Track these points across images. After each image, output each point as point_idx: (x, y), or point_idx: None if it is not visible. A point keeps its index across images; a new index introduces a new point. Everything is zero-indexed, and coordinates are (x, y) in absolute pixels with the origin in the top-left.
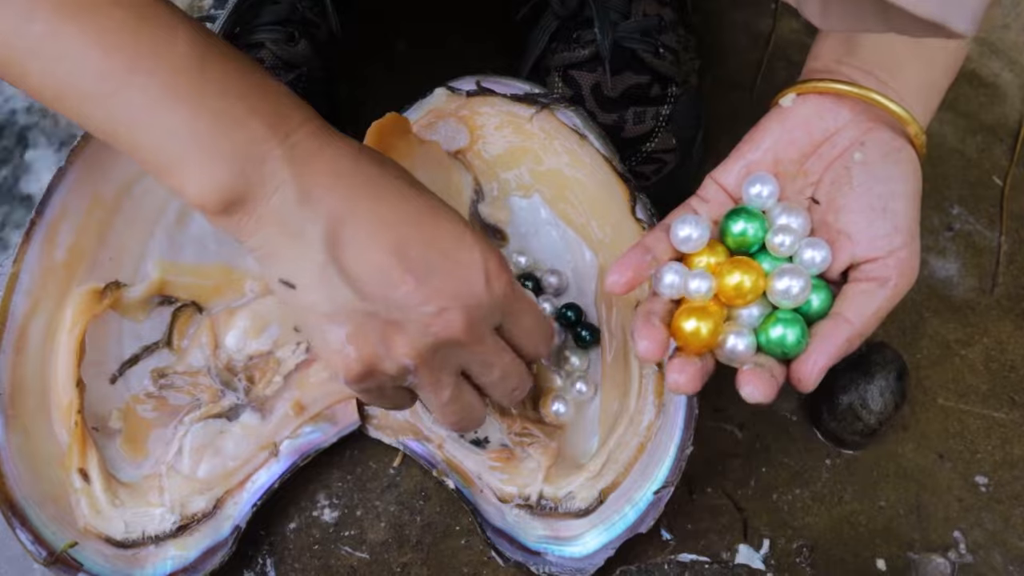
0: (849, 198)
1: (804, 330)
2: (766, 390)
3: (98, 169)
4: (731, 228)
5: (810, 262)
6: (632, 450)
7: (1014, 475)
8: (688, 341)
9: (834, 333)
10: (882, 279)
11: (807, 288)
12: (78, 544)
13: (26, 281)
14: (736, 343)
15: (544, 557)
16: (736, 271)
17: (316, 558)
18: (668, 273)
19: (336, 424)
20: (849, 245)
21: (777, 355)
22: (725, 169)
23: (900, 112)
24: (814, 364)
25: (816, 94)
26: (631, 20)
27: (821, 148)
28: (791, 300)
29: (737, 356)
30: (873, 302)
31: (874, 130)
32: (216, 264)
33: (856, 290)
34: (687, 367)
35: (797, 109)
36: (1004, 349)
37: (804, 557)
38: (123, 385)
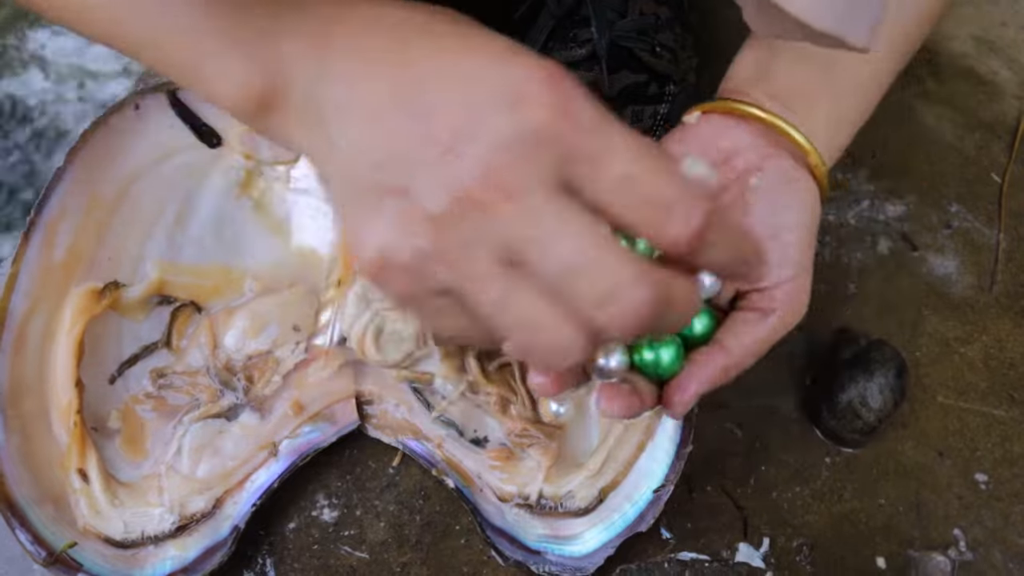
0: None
1: (679, 353)
2: (624, 406)
3: (96, 169)
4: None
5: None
6: (632, 448)
7: (1014, 472)
8: None
9: (710, 361)
10: (766, 310)
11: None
12: (77, 544)
13: (25, 281)
14: (607, 361)
15: (544, 556)
16: None
17: (315, 558)
18: None
19: (335, 424)
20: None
21: (651, 375)
22: None
23: (801, 141)
24: (684, 391)
25: (720, 113)
26: (628, 19)
27: (720, 168)
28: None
29: (609, 372)
30: (754, 333)
31: (774, 157)
32: (215, 264)
33: (739, 319)
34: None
35: (700, 127)
36: (1003, 347)
37: (804, 555)
38: (122, 385)
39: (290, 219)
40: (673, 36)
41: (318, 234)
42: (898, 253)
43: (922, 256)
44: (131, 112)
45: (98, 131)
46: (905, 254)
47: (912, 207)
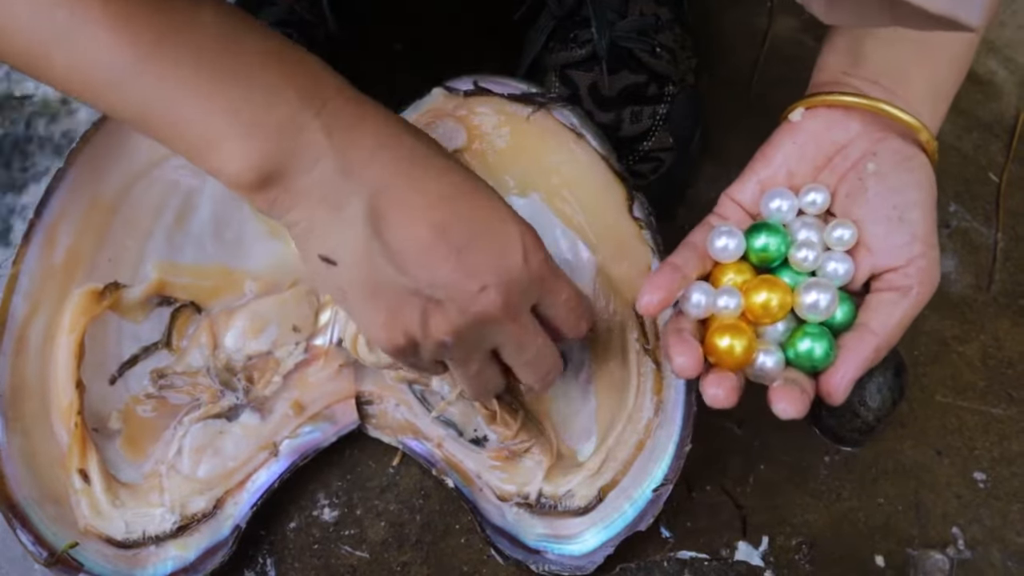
0: (865, 209)
1: (832, 343)
2: (798, 406)
3: (96, 171)
4: (753, 243)
5: (833, 274)
6: (631, 448)
7: (1012, 471)
8: (722, 358)
9: (860, 345)
10: (904, 288)
11: (835, 301)
12: (79, 545)
13: (25, 283)
14: (765, 360)
15: (544, 555)
16: (763, 289)
17: (316, 557)
18: (695, 292)
19: (335, 424)
20: (869, 256)
21: (806, 369)
22: (740, 186)
23: (910, 120)
24: (843, 376)
25: (825, 107)
26: (628, 19)
27: (833, 161)
28: (819, 314)
29: (766, 373)
30: (896, 312)
31: (885, 140)
32: (215, 265)
33: (879, 300)
34: (724, 381)
35: (806, 123)
36: (1001, 345)
37: (803, 554)
38: (123, 386)
39: None
40: (673, 37)
41: None
42: None
43: None
44: None
45: (98, 132)
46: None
47: None
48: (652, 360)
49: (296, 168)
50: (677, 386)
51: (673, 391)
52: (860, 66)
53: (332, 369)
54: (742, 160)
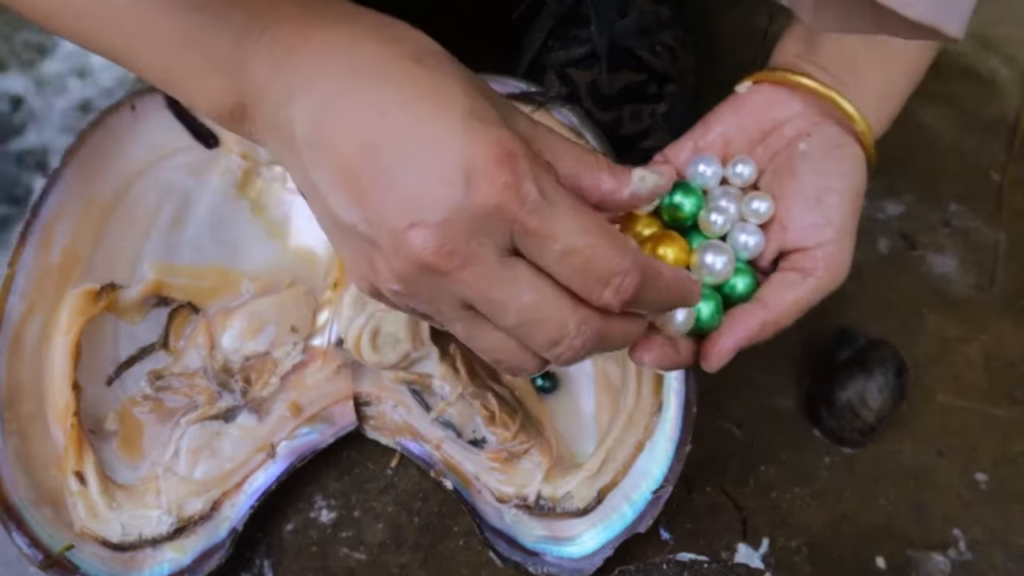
0: (787, 187)
1: (719, 307)
2: (656, 356)
3: (93, 171)
4: (668, 200)
5: (743, 246)
6: (630, 449)
7: (1014, 472)
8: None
9: (748, 316)
10: (807, 270)
11: (731, 265)
12: (75, 547)
13: (21, 283)
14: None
15: (542, 557)
16: (662, 244)
17: (314, 559)
18: None
19: (333, 425)
20: (781, 233)
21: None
22: (675, 148)
23: (848, 108)
24: (723, 344)
25: (771, 83)
26: (628, 18)
27: (769, 137)
28: (714, 276)
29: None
30: (794, 292)
31: (821, 124)
32: (212, 265)
33: (780, 279)
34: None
35: (751, 96)
36: (1003, 346)
37: (803, 555)
38: (119, 387)
39: (288, 220)
40: (673, 36)
41: (316, 234)
42: (897, 252)
43: (922, 255)
44: (128, 113)
45: (95, 132)
46: (904, 253)
47: (911, 206)
48: None
49: (252, 100)
50: (676, 387)
51: (672, 392)
52: (814, 53)
53: (330, 370)
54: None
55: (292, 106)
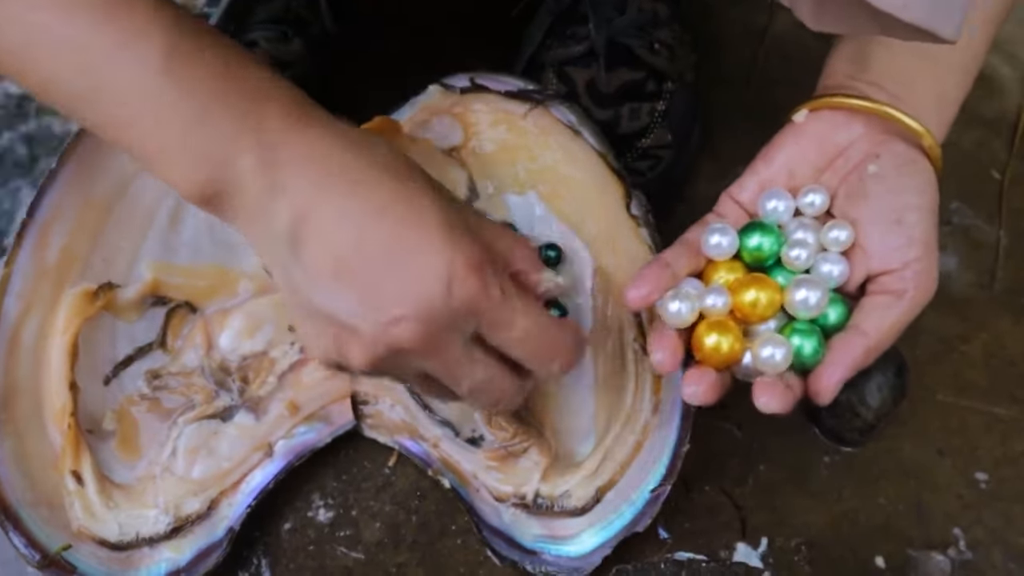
0: (863, 211)
1: (821, 341)
2: (781, 401)
3: (90, 170)
4: (747, 243)
5: (827, 275)
6: (629, 448)
7: (1015, 471)
8: (708, 355)
9: (850, 345)
10: (898, 292)
11: (825, 298)
12: (72, 547)
13: (18, 283)
14: (774, 352)
15: (540, 556)
16: (752, 287)
17: (311, 558)
18: (673, 301)
19: (331, 424)
20: (865, 258)
21: (795, 367)
22: (740, 186)
23: (913, 125)
24: (830, 377)
25: (829, 109)
26: (626, 16)
27: (835, 163)
28: (809, 311)
29: (774, 365)
30: (890, 315)
31: (888, 143)
32: (210, 265)
33: (873, 303)
34: (703, 377)
35: (810, 124)
36: (1004, 344)
37: (803, 555)
38: (117, 387)
39: None
40: (671, 33)
41: None
42: None
43: None
44: None
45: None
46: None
47: None
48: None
49: (231, 190)
50: (675, 386)
51: (671, 391)
52: (866, 71)
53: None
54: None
55: (275, 203)
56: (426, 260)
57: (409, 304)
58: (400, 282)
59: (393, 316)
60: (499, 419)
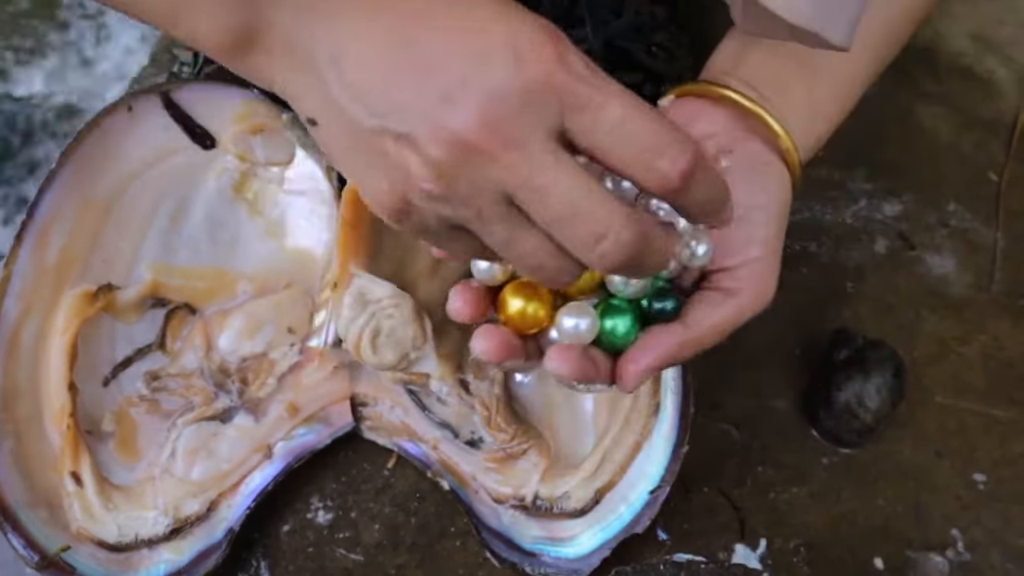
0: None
1: (635, 322)
2: (573, 368)
3: (90, 171)
4: None
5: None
6: (627, 449)
7: (1013, 473)
8: (511, 319)
9: (666, 334)
10: (730, 290)
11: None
12: (71, 548)
13: (17, 284)
14: (577, 322)
15: (540, 558)
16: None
17: (310, 560)
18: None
19: (330, 425)
20: None
21: (605, 347)
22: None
23: (773, 125)
24: (637, 361)
25: (694, 96)
26: (623, 19)
27: None
28: (631, 289)
29: (577, 336)
30: (716, 313)
31: (745, 140)
32: (209, 266)
33: (701, 298)
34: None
35: (674, 110)
36: (1002, 346)
37: (801, 556)
38: (116, 388)
39: (285, 221)
40: (669, 36)
41: (313, 235)
42: (896, 252)
43: (920, 255)
44: (124, 113)
45: (91, 132)
46: (903, 253)
47: (910, 206)
48: None
49: (262, 25)
50: (673, 388)
51: (670, 392)
52: (741, 68)
53: (327, 371)
54: None
55: (315, 27)
56: (486, 35)
57: (469, 84)
58: (456, 66)
59: (446, 95)
60: (498, 420)
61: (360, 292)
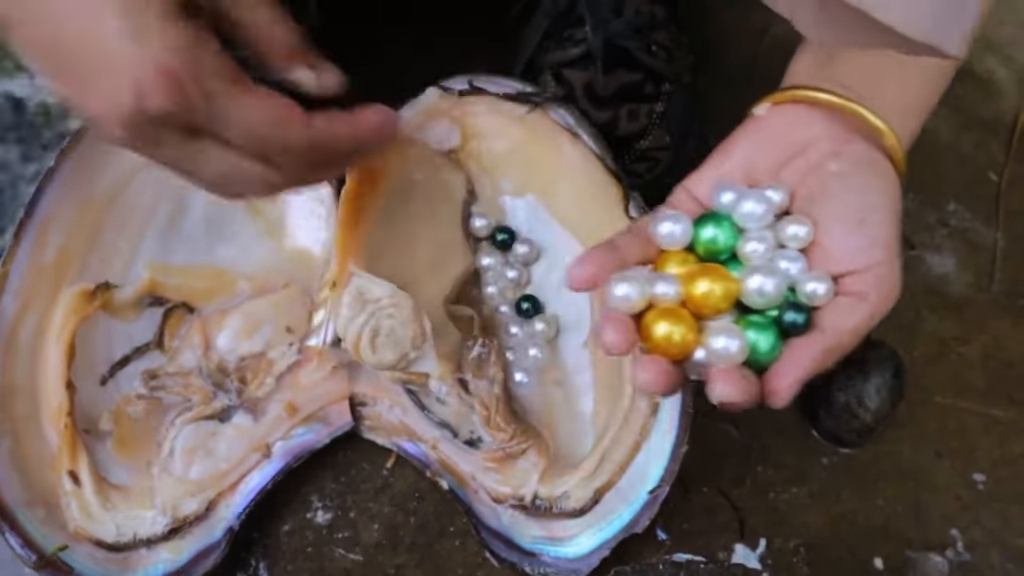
0: (824, 210)
1: (778, 337)
2: (739, 390)
3: (88, 169)
4: (701, 234)
5: (785, 272)
6: (627, 449)
7: (1012, 473)
8: (659, 345)
9: (808, 344)
10: (860, 294)
11: (781, 286)
12: (69, 547)
13: (15, 282)
14: (728, 344)
15: (539, 558)
16: (705, 277)
17: (309, 560)
18: (620, 284)
19: (329, 425)
20: (825, 258)
21: (749, 363)
22: (696, 179)
23: (877, 123)
24: (786, 376)
25: (791, 103)
26: (623, 18)
27: (795, 159)
28: (765, 300)
29: (728, 358)
30: (851, 317)
31: (850, 142)
32: (207, 265)
33: (833, 303)
34: (657, 365)
35: (770, 119)
36: (1001, 346)
37: (801, 556)
38: (113, 387)
39: (283, 220)
40: (669, 35)
41: (311, 234)
42: None
43: (920, 255)
44: None
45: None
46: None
47: (909, 206)
48: None
49: None
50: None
51: None
52: (832, 70)
53: (326, 370)
54: None
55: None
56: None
57: (107, 112)
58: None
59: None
60: (497, 420)
61: (359, 292)
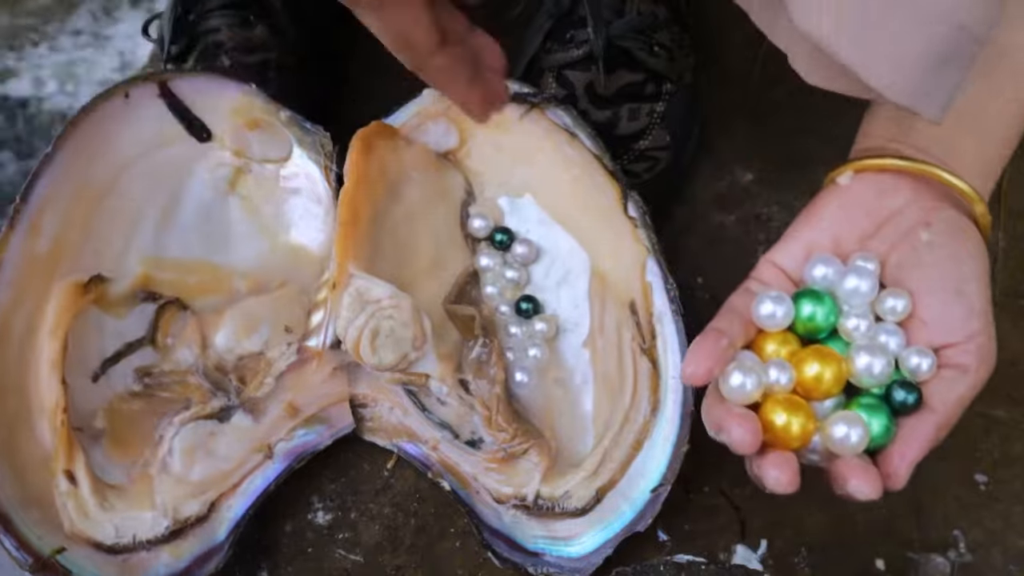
0: (919, 281)
1: (891, 417)
2: (875, 486)
3: (83, 158)
4: (800, 312)
5: (885, 346)
6: (628, 448)
7: (1014, 473)
8: (779, 436)
9: (921, 423)
10: (963, 366)
11: (890, 364)
12: (66, 550)
13: (9, 271)
14: (849, 432)
15: (542, 558)
16: (815, 361)
17: (310, 561)
18: (735, 374)
19: (331, 426)
20: (923, 330)
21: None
22: (782, 250)
23: (965, 188)
24: (902, 457)
25: (874, 171)
26: (625, 18)
27: (883, 229)
28: (874, 380)
29: (850, 447)
30: (957, 389)
31: (940, 209)
32: (201, 260)
33: (938, 378)
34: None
35: (855, 187)
36: (1002, 346)
37: (802, 557)
38: (106, 384)
39: (279, 218)
40: (671, 35)
41: (308, 234)
42: None
43: None
44: (121, 101)
45: (87, 118)
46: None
47: None
48: (648, 360)
49: None
50: (674, 386)
51: (670, 391)
52: (908, 134)
53: (326, 371)
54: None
55: None
56: None
57: None
58: None
59: None
60: (499, 420)
61: (359, 292)
